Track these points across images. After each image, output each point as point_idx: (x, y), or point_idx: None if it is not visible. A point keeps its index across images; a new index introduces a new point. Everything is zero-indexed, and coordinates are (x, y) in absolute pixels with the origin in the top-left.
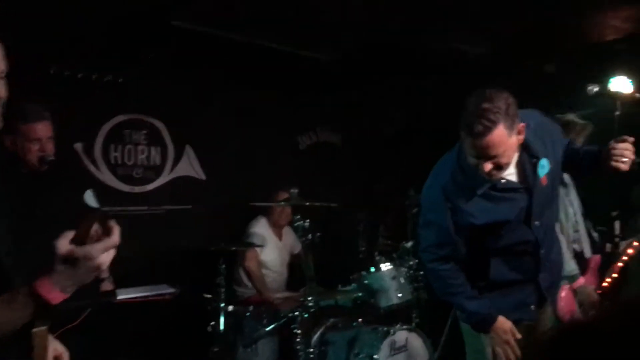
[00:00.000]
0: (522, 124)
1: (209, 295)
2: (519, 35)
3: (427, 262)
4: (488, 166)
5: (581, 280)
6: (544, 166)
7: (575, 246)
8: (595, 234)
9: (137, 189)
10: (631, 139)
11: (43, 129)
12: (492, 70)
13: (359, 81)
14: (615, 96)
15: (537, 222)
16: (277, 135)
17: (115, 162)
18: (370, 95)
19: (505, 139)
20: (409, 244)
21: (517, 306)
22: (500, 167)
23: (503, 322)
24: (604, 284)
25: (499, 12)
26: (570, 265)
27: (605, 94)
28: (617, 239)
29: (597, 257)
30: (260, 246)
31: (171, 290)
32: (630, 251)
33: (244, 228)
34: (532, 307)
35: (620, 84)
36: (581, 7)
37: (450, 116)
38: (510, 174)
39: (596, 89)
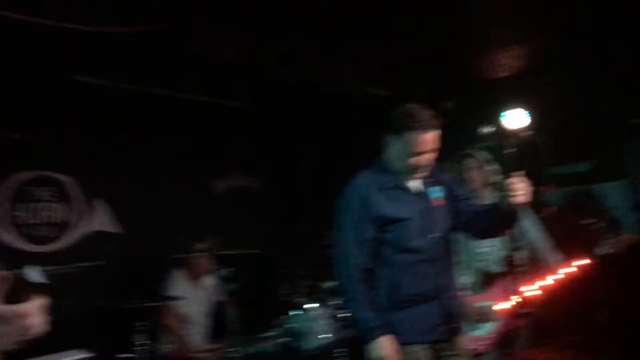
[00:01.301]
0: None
1: (127, 355)
2: (420, 76)
3: (341, 266)
4: (428, 157)
5: (480, 297)
6: (437, 191)
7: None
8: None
9: (45, 248)
10: (521, 172)
11: None
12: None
13: (270, 124)
14: (509, 135)
15: (432, 234)
16: (190, 182)
17: (20, 222)
18: (284, 135)
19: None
20: (330, 284)
21: (430, 326)
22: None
23: (387, 341)
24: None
25: (401, 56)
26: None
27: (497, 133)
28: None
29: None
30: (179, 299)
31: (85, 355)
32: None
33: (162, 282)
34: (443, 327)
35: (515, 118)
36: (476, 46)
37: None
38: (411, 181)
39: (492, 129)
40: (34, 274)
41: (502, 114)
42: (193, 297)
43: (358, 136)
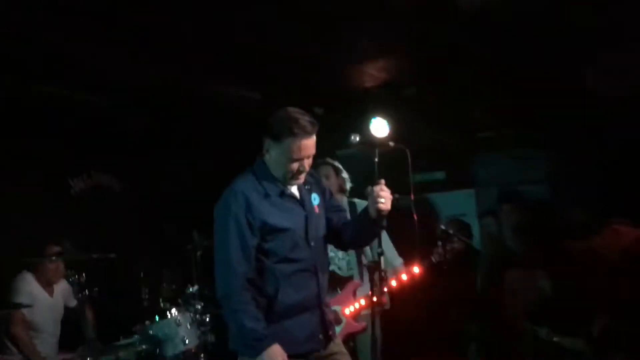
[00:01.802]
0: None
1: None
2: (290, 82)
3: (224, 276)
4: (307, 162)
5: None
6: (315, 198)
7: None
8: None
9: None
10: (382, 180)
11: None
12: (266, 114)
13: (135, 124)
14: (374, 144)
15: (313, 243)
16: (44, 180)
17: None
18: (151, 136)
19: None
20: (194, 288)
21: (308, 337)
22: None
23: (277, 349)
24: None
25: (271, 60)
26: None
27: (365, 142)
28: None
29: (356, 282)
30: (29, 306)
31: None
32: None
33: (10, 287)
34: (320, 336)
35: (378, 126)
36: (343, 57)
37: (228, 156)
38: (293, 187)
39: (357, 138)
40: None
41: (369, 122)
42: (44, 303)
43: (228, 140)
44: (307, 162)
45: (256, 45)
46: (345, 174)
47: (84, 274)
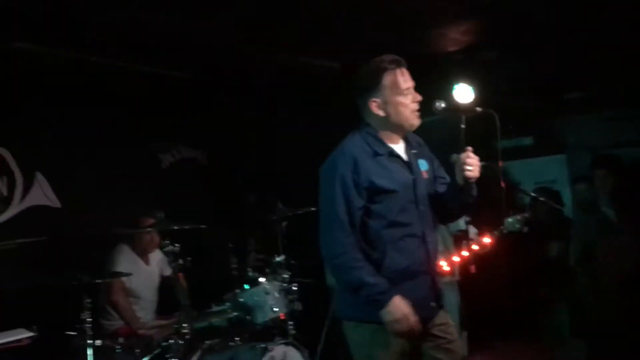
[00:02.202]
0: None
1: (73, 333)
2: (368, 50)
3: (329, 235)
4: (418, 96)
5: None
6: (423, 164)
7: None
8: None
9: None
10: (470, 147)
11: None
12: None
13: (219, 95)
14: (460, 110)
15: (422, 207)
16: (137, 154)
17: None
18: (232, 107)
19: None
20: (281, 258)
21: (419, 304)
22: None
23: (400, 301)
24: None
25: (349, 29)
26: None
27: (450, 109)
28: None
29: None
30: (128, 274)
31: (29, 334)
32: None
33: (108, 258)
34: (432, 304)
35: (462, 92)
36: (425, 20)
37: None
38: (400, 150)
39: (443, 104)
40: None
41: (452, 88)
42: (141, 272)
43: (309, 112)
44: (414, 97)
45: (334, 12)
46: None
47: (177, 244)
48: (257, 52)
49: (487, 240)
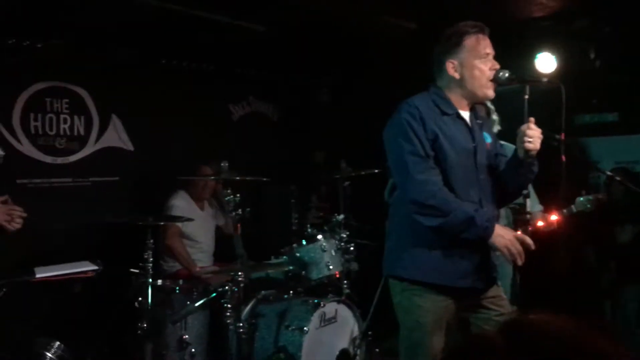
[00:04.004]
0: None
1: (136, 270)
2: (447, 10)
3: (416, 178)
4: (496, 64)
5: None
6: (487, 137)
7: None
8: None
9: (60, 160)
10: (532, 118)
11: None
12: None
13: (292, 51)
14: (524, 81)
15: (481, 176)
16: (208, 105)
17: (35, 132)
18: (305, 64)
19: None
20: (341, 217)
21: (469, 272)
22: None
23: (501, 229)
24: None
25: None
26: None
27: (515, 79)
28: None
29: None
30: (190, 220)
31: (94, 267)
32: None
33: (171, 202)
34: (483, 274)
35: (545, 62)
36: None
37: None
38: (466, 117)
39: (507, 74)
40: None
41: (534, 57)
42: (199, 219)
43: (381, 71)
44: (493, 64)
45: None
46: (495, 116)
47: (238, 195)
48: (335, 10)
49: (553, 217)
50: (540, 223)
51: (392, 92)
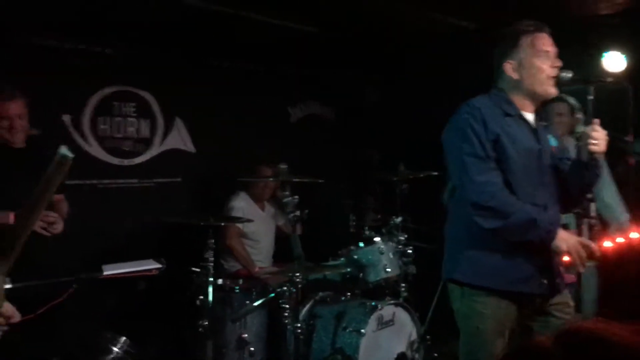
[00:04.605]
0: None
1: (197, 269)
2: (507, 9)
3: (476, 179)
4: (557, 61)
5: None
6: (552, 140)
7: None
8: None
9: (127, 162)
10: (597, 120)
11: (15, 108)
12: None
13: (345, 51)
14: (589, 81)
15: (546, 179)
16: (267, 107)
17: (103, 135)
18: (358, 67)
19: None
20: (399, 220)
21: (529, 278)
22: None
23: (565, 233)
24: None
25: None
26: None
27: (579, 79)
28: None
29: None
30: (250, 221)
31: (158, 265)
32: None
33: (231, 203)
34: (545, 281)
35: (613, 60)
36: None
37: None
38: (530, 119)
39: (570, 74)
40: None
41: (600, 56)
42: (256, 218)
43: (438, 72)
44: (555, 62)
45: None
46: (580, 115)
47: (297, 197)
48: (390, 9)
49: (634, 235)
50: (634, 234)
51: (451, 94)
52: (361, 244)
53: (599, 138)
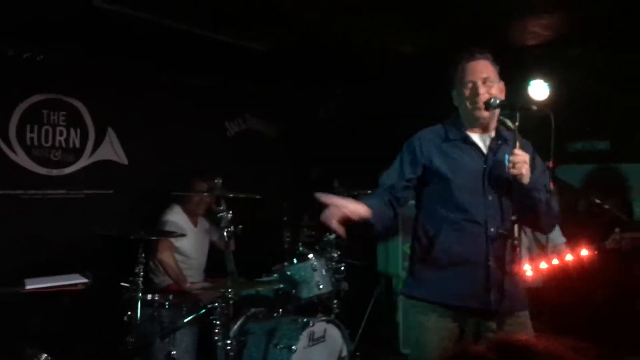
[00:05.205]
0: (502, 84)
1: (126, 284)
2: (448, 36)
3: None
4: (482, 88)
5: None
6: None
7: None
8: None
9: (55, 172)
10: (518, 144)
11: None
12: (420, 68)
13: (289, 70)
14: (513, 108)
15: (490, 197)
16: (204, 121)
17: (31, 144)
18: (303, 84)
19: (494, 73)
20: (332, 236)
21: (472, 293)
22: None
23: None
24: None
25: (428, 14)
26: None
27: (504, 105)
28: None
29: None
30: (182, 235)
31: (84, 280)
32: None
33: (164, 217)
34: (490, 297)
35: (538, 89)
36: (507, 12)
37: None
38: (479, 139)
39: (498, 101)
40: None
41: (527, 84)
42: (189, 231)
43: (379, 92)
44: (485, 87)
45: None
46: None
47: (230, 212)
48: (339, 30)
49: (584, 252)
50: (569, 257)
51: (391, 115)
52: (295, 261)
53: (517, 162)
